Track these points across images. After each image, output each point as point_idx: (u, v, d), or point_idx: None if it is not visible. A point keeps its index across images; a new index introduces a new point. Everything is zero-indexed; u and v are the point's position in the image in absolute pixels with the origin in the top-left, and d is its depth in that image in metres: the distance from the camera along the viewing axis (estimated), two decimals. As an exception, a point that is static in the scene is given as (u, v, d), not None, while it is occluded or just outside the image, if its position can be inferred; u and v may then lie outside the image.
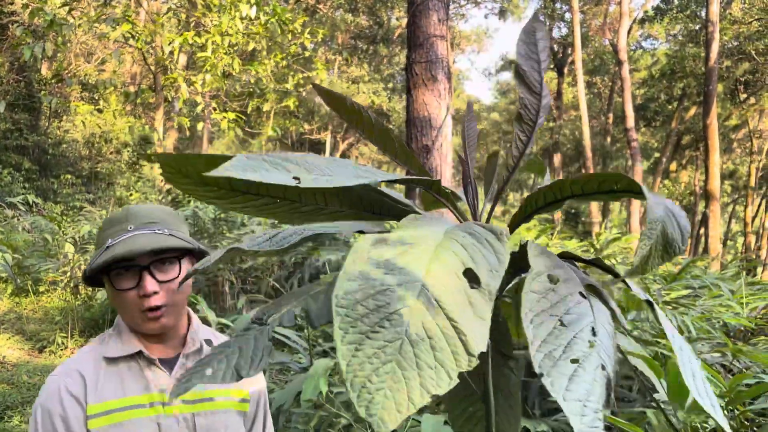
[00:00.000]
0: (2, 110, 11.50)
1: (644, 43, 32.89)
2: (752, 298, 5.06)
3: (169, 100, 14.56)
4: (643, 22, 27.75)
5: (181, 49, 11.34)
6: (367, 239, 0.66)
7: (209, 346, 1.41)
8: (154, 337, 1.37)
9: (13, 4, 14.53)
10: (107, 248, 1.29)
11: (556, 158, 31.26)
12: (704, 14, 18.24)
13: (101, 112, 18.39)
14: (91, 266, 1.30)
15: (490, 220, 1.01)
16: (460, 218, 1.00)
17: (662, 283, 5.27)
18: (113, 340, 1.37)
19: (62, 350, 6.49)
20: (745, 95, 24.19)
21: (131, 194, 15.14)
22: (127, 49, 12.47)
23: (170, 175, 0.85)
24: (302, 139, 31.58)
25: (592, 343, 0.65)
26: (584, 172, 26.31)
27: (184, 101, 11.96)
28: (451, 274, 0.64)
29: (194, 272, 0.95)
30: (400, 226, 0.72)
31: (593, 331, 0.66)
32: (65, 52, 13.67)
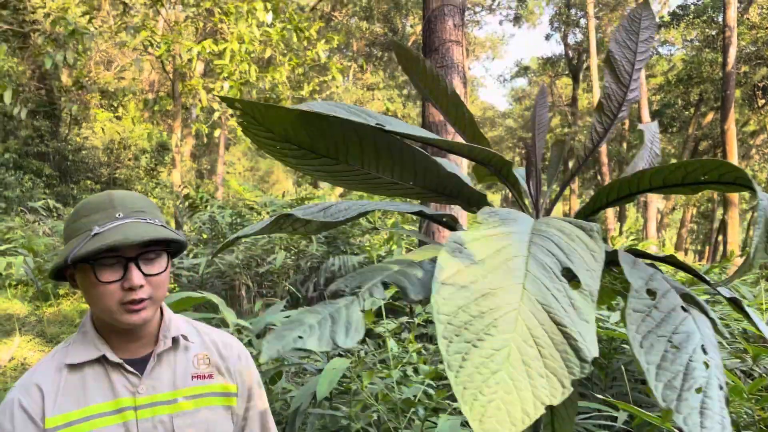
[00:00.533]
0: (24, 117, 11.69)
1: (660, 48, 32.67)
2: (772, 303, 5.00)
3: (186, 107, 14.71)
4: (659, 27, 27.56)
5: (198, 56, 11.48)
6: (456, 237, 0.63)
7: (186, 341, 1.34)
8: (123, 336, 1.27)
9: (35, 13, 14.80)
10: (95, 235, 1.17)
11: (570, 164, 31.08)
12: (721, 19, 18.09)
13: (120, 119, 18.64)
14: (74, 254, 1.16)
15: (553, 209, 1.00)
16: (522, 204, 0.97)
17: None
18: (76, 344, 1.26)
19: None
20: (763, 101, 23.91)
21: (149, 200, 15.26)
22: (146, 56, 12.63)
23: (251, 126, 0.82)
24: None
25: (707, 364, 0.62)
26: (600, 178, 26.13)
27: (201, 108, 12.08)
28: (550, 275, 0.60)
29: (235, 239, 0.95)
30: (482, 221, 0.69)
31: (704, 349, 0.64)
32: (85, 60, 13.89)
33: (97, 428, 1.19)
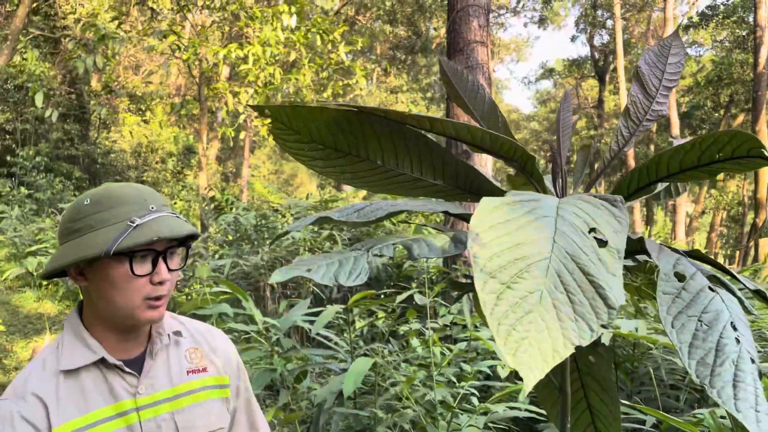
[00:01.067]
0: (55, 120, 11.95)
1: (689, 49, 32.15)
2: (806, 307, 4.88)
3: (212, 111, 14.90)
4: (687, 28, 27.14)
5: (225, 60, 11.62)
6: (489, 200, 0.67)
7: (180, 337, 1.32)
8: (119, 335, 1.22)
9: (65, 19, 15.13)
10: (137, 226, 1.13)
11: (596, 167, 30.71)
12: (752, 19, 17.74)
13: (147, 122, 18.97)
14: (117, 244, 1.10)
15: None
16: None
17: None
18: (68, 347, 1.19)
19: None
20: (796, 102, 23.36)
21: (175, 202, 15.52)
22: (173, 60, 12.84)
23: (280, 131, 0.86)
24: (341, 148, 31.80)
25: (737, 339, 0.65)
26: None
27: (227, 112, 12.23)
28: (577, 232, 0.64)
29: (286, 233, 0.97)
30: (512, 193, 0.73)
31: (733, 326, 0.66)
32: (114, 64, 14.15)
33: None
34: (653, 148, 29.39)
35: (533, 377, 0.52)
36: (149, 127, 18.87)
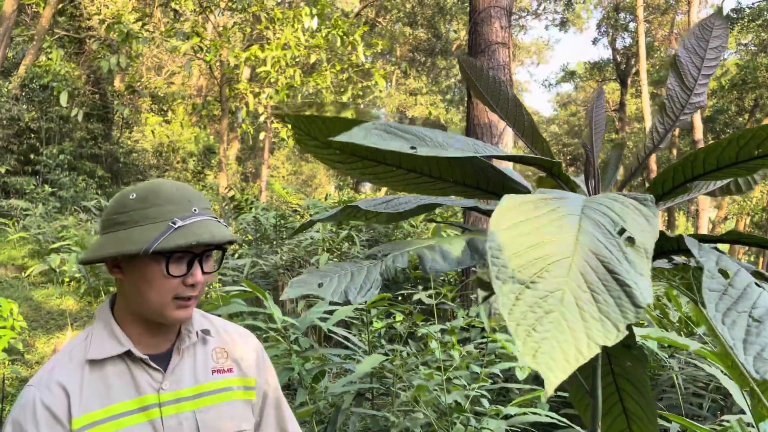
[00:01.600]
0: (80, 119, 12.14)
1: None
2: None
3: (233, 111, 15.02)
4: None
5: (245, 62, 11.71)
6: (511, 197, 0.66)
7: (208, 336, 1.32)
8: (149, 330, 1.23)
9: (90, 19, 15.36)
10: (178, 228, 1.13)
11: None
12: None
13: (169, 123, 19.18)
14: (157, 244, 1.11)
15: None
16: None
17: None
18: (97, 338, 1.20)
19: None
20: (823, 106, 22.93)
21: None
22: (195, 61, 12.97)
23: (300, 136, 0.89)
24: (359, 150, 31.90)
25: None
26: (646, 185, 25.44)
27: (247, 113, 12.33)
28: (603, 230, 0.62)
29: (311, 224, 0.98)
30: (539, 190, 0.72)
31: None
32: (138, 65, 14.34)
33: (122, 428, 1.15)
34: (675, 152, 29.03)
35: (554, 379, 0.50)
36: (171, 127, 19.07)
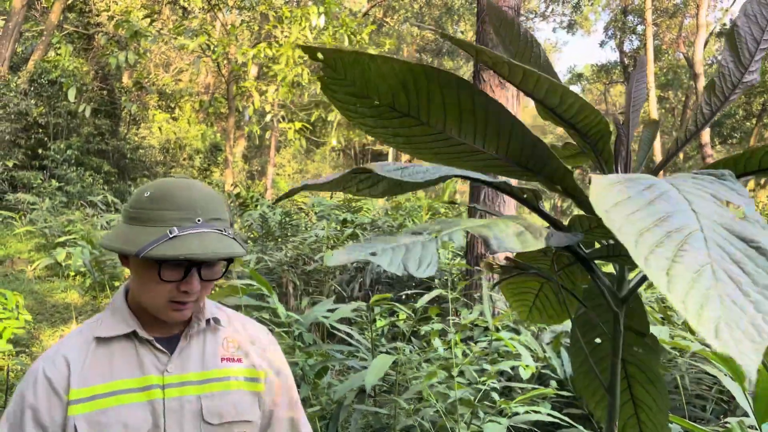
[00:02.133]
0: (88, 115, 12.18)
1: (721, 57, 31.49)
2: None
3: (239, 109, 15.05)
4: (720, 35, 26.65)
5: (253, 60, 11.73)
6: (599, 178, 0.62)
7: (216, 324, 1.33)
8: (156, 317, 1.25)
9: (99, 16, 15.41)
10: (173, 237, 1.13)
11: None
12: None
13: (176, 120, 19.22)
14: (147, 251, 1.12)
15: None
16: None
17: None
18: (108, 319, 1.25)
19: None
20: (832, 112, 22.79)
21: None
22: (203, 59, 13.00)
23: (331, 80, 0.78)
24: (365, 150, 31.91)
25: None
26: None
27: (254, 111, 12.35)
28: (711, 203, 0.58)
29: (303, 188, 0.91)
30: (612, 175, 0.66)
31: None
32: (146, 61, 14.38)
33: (121, 404, 1.17)
34: (682, 156, 28.91)
35: (751, 363, 0.45)
36: (177, 124, 19.11)
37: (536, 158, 0.86)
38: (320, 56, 0.75)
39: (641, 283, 0.90)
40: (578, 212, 0.91)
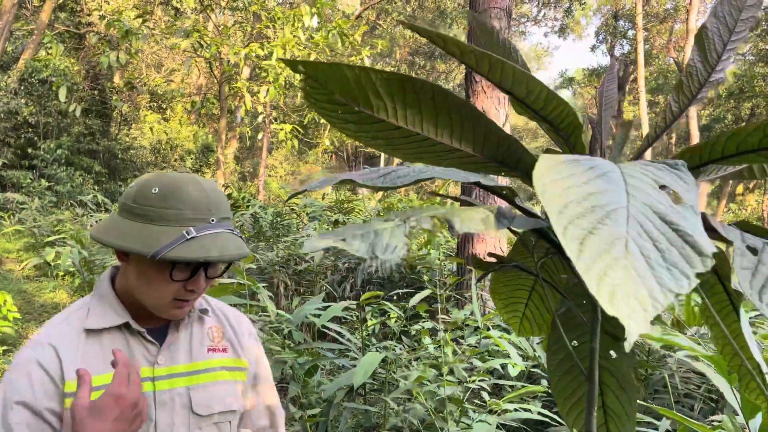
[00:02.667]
0: (78, 115, 12.11)
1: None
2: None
3: (231, 110, 15.02)
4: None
5: (245, 60, 11.71)
6: (547, 157, 0.65)
7: (205, 315, 1.33)
8: (146, 309, 1.23)
9: (90, 15, 15.34)
10: (191, 238, 1.11)
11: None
12: (777, 32, 17.54)
13: (167, 120, 19.15)
14: (165, 253, 1.09)
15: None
16: None
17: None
18: (96, 309, 1.21)
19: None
20: (820, 117, 23.04)
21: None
22: (195, 59, 12.97)
23: (312, 88, 0.81)
24: (357, 152, 31.91)
25: None
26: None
27: (246, 112, 12.32)
28: (648, 186, 0.61)
29: (302, 192, 0.94)
30: (566, 155, 0.70)
31: None
32: (137, 61, 14.34)
33: None
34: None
35: (635, 327, 0.49)
36: (169, 124, 19.05)
37: (511, 154, 0.90)
38: (301, 68, 0.79)
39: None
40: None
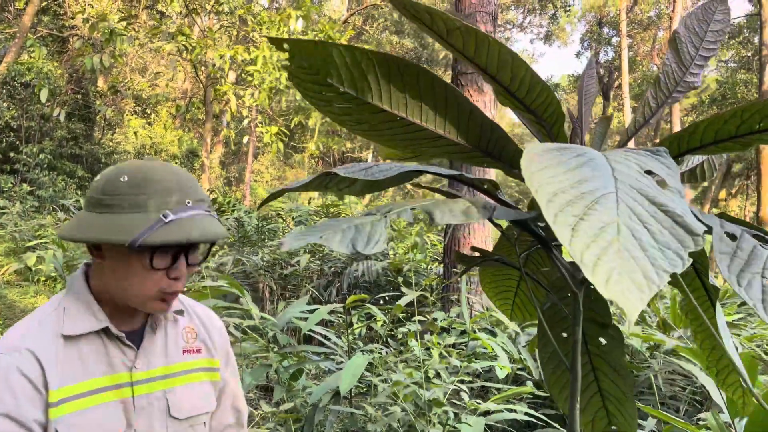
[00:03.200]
0: (62, 119, 11.98)
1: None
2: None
3: (216, 115, 14.94)
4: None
5: (231, 65, 11.66)
6: (534, 145, 0.65)
7: (180, 316, 1.30)
8: (123, 308, 1.19)
9: (74, 18, 15.21)
10: (169, 222, 1.07)
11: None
12: (757, 40, 17.83)
13: (152, 125, 19.02)
14: (143, 239, 1.05)
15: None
16: None
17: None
18: (72, 312, 1.15)
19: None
20: (800, 123, 23.39)
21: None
22: (179, 63, 12.90)
23: (297, 68, 0.79)
24: (344, 157, 31.91)
25: None
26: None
27: (231, 116, 12.26)
28: (634, 172, 0.61)
29: (282, 192, 0.92)
30: (550, 144, 0.71)
31: None
32: (122, 64, 14.23)
33: (97, 404, 1.12)
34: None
35: (633, 309, 0.49)
36: (153, 129, 18.91)
37: (495, 143, 0.90)
38: (285, 47, 0.77)
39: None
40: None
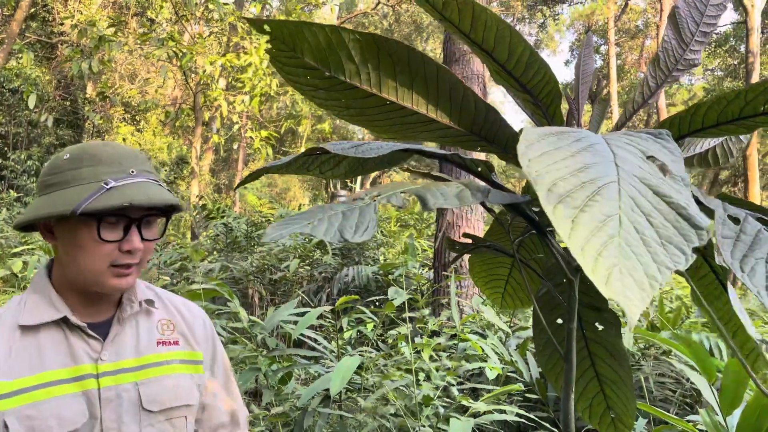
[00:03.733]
0: (51, 125, 11.90)
1: (680, 77, 32.58)
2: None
3: (206, 122, 14.89)
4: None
5: (221, 72, 11.65)
6: (532, 129, 0.62)
7: (150, 306, 1.26)
8: (86, 297, 1.17)
9: (62, 24, 15.15)
10: (110, 188, 1.07)
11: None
12: (744, 48, 18.04)
13: (141, 132, 18.93)
14: (85, 205, 1.04)
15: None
16: None
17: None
18: (32, 304, 1.13)
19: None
20: (786, 131, 23.69)
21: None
22: (170, 69, 12.86)
23: (279, 51, 0.76)
24: (334, 165, 31.94)
25: None
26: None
27: (221, 122, 12.23)
28: (636, 158, 0.58)
29: (265, 171, 0.90)
30: (548, 128, 0.67)
31: None
32: (111, 70, 14.18)
33: (53, 396, 1.08)
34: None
35: (635, 308, 0.47)
36: (143, 136, 18.82)
37: (489, 126, 0.87)
38: (267, 28, 0.74)
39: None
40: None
